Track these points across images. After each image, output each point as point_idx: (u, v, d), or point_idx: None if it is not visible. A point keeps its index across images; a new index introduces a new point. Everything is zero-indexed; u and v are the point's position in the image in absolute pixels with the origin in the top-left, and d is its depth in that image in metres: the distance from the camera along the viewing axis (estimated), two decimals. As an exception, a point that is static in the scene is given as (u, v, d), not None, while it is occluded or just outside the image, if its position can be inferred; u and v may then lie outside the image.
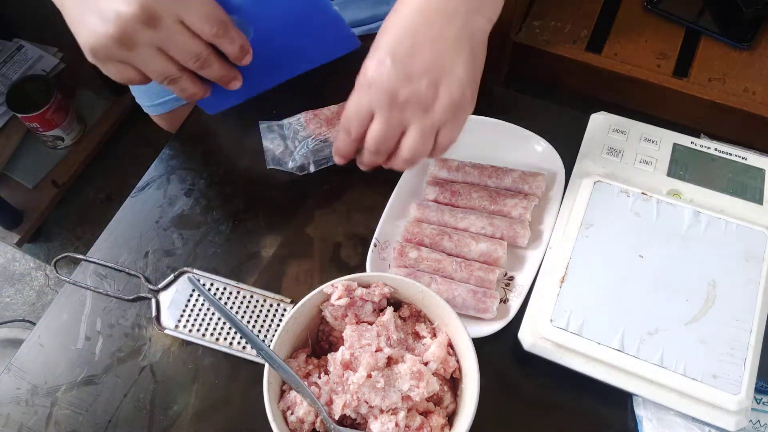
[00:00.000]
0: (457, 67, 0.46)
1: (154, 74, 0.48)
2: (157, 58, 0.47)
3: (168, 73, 0.48)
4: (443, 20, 0.46)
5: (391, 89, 0.46)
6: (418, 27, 0.46)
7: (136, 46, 0.45)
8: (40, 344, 0.56)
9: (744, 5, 0.73)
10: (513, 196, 0.58)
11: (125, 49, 0.45)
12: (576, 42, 0.76)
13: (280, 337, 0.46)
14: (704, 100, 0.70)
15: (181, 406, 0.53)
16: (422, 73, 0.46)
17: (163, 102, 0.78)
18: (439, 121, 0.48)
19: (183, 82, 0.49)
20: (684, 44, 0.76)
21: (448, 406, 0.46)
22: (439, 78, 0.46)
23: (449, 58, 0.46)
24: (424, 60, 0.46)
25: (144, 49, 0.46)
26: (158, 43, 0.46)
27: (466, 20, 0.46)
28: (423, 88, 0.46)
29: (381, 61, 0.46)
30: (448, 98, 0.47)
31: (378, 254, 0.57)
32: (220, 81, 0.51)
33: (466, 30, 0.46)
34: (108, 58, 0.46)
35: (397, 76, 0.46)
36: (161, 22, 0.45)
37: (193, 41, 0.47)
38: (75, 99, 1.54)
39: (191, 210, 0.62)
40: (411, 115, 0.47)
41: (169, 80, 0.48)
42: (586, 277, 0.51)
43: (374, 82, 0.47)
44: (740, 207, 0.55)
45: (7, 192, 1.40)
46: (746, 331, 0.48)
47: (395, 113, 0.47)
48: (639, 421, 0.49)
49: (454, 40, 0.46)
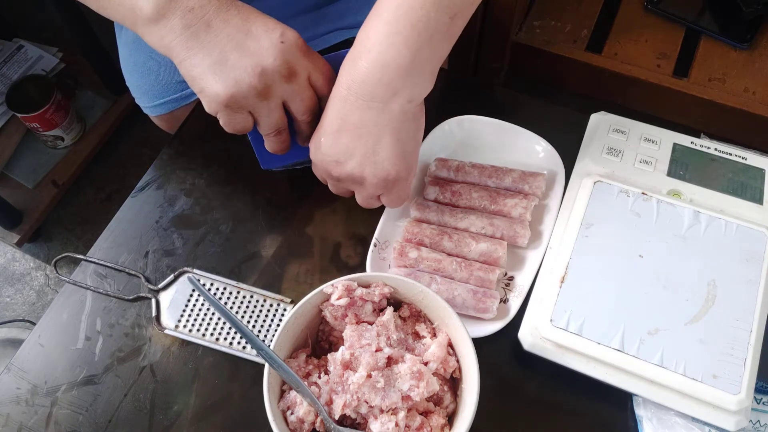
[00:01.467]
0: (380, 150, 0.49)
1: (269, 124, 0.51)
2: (279, 110, 0.50)
3: (280, 125, 0.51)
4: (361, 107, 0.48)
5: (326, 169, 0.52)
6: (342, 114, 0.49)
7: (271, 98, 0.49)
8: (40, 344, 0.56)
9: (744, 5, 0.73)
10: (513, 196, 0.58)
11: (260, 99, 0.48)
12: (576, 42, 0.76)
13: (280, 337, 0.46)
14: (704, 100, 0.70)
15: (181, 406, 0.53)
16: (347, 157, 0.50)
17: (163, 103, 0.78)
18: (375, 193, 0.53)
19: (285, 134, 0.53)
20: (684, 44, 0.76)
21: (448, 406, 0.46)
22: (363, 161, 0.50)
23: (371, 143, 0.49)
24: (348, 146, 0.49)
25: (274, 101, 0.49)
26: (287, 96, 0.50)
27: (383, 105, 0.48)
28: (350, 170, 0.50)
29: (316, 145, 0.52)
30: (374, 178, 0.50)
31: (378, 254, 0.57)
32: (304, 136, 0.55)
33: (385, 114, 0.48)
34: (241, 108, 0.49)
35: (328, 160, 0.51)
36: (297, 78, 0.49)
37: (314, 97, 0.51)
38: (75, 99, 1.54)
39: (191, 210, 0.62)
40: (350, 186, 0.53)
41: (276, 132, 0.52)
42: (586, 277, 0.51)
43: (315, 162, 0.53)
44: (740, 207, 0.55)
45: (7, 192, 1.40)
46: (746, 331, 0.48)
47: (338, 184, 0.54)
48: (639, 421, 0.49)
49: (373, 126, 0.48)
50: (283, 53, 0.47)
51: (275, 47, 0.47)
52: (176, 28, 0.46)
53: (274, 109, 0.50)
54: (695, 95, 0.70)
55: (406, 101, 0.48)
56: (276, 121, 0.51)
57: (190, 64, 0.47)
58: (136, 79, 0.79)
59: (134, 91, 0.82)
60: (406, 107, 0.49)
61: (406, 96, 0.48)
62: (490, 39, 0.75)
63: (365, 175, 0.50)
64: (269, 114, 0.50)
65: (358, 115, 0.48)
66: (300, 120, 0.52)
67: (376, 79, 0.47)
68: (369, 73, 0.47)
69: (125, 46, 0.80)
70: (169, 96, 0.77)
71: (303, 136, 0.55)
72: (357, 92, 0.48)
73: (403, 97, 0.48)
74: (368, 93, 0.47)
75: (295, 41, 0.48)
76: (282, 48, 0.47)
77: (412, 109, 0.49)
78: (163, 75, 0.75)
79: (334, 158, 0.50)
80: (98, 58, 1.45)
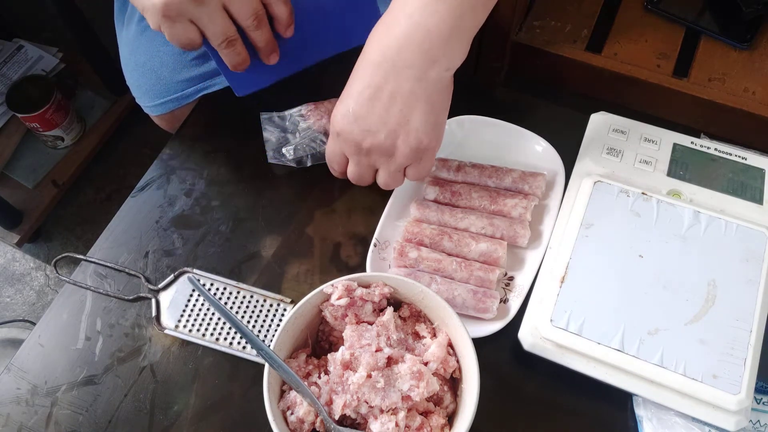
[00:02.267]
0: (413, 120, 0.49)
1: (215, 32, 0.50)
2: (220, 16, 0.49)
3: (228, 33, 0.51)
4: (398, 75, 0.48)
5: (355, 141, 0.51)
6: (376, 81, 0.48)
7: (206, 2, 0.48)
8: (40, 344, 0.56)
9: (744, 5, 0.73)
10: (513, 196, 0.58)
11: (197, 4, 0.48)
12: (576, 42, 0.76)
13: (280, 337, 0.46)
14: (704, 100, 0.70)
15: (181, 406, 0.53)
16: (380, 126, 0.49)
17: (163, 102, 0.78)
18: (403, 164, 0.52)
19: (239, 46, 0.52)
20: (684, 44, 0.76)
21: (448, 406, 0.46)
22: (396, 130, 0.49)
23: (405, 111, 0.48)
24: (381, 115, 0.49)
25: (212, 6, 0.49)
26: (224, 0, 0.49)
27: (420, 73, 0.47)
28: (382, 140, 0.49)
29: (345, 114, 0.50)
30: (406, 147, 0.50)
31: (378, 254, 0.57)
32: (264, 49, 0.54)
33: (422, 83, 0.48)
34: (179, 15, 0.49)
35: (359, 130, 0.50)
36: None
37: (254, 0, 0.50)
38: (75, 99, 1.54)
39: (191, 210, 0.62)
40: (377, 160, 0.52)
41: (227, 42, 0.51)
42: (586, 277, 0.51)
43: (341, 133, 0.51)
44: (740, 207, 0.55)
45: (7, 192, 1.40)
46: (746, 331, 0.48)
47: (363, 158, 0.52)
48: (639, 421, 0.49)
49: (408, 94, 0.48)
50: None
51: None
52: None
53: (214, 15, 0.49)
54: (695, 95, 0.70)
55: (444, 69, 0.48)
56: (221, 29, 0.50)
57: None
58: (137, 78, 0.79)
59: (135, 91, 0.82)
60: (442, 75, 0.48)
61: (444, 64, 0.48)
62: (490, 39, 0.75)
63: (397, 145, 0.50)
64: (211, 20, 0.50)
65: (394, 83, 0.48)
66: (245, 26, 0.51)
67: (416, 45, 0.46)
68: (409, 40, 0.46)
69: (126, 45, 0.80)
70: (170, 95, 0.77)
71: (262, 50, 0.54)
72: (394, 59, 0.47)
73: (441, 65, 0.48)
74: (407, 60, 0.47)
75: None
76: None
77: (447, 77, 0.49)
78: (164, 74, 0.75)
79: (366, 128, 0.49)
80: (98, 58, 1.45)
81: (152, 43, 0.75)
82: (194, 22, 0.50)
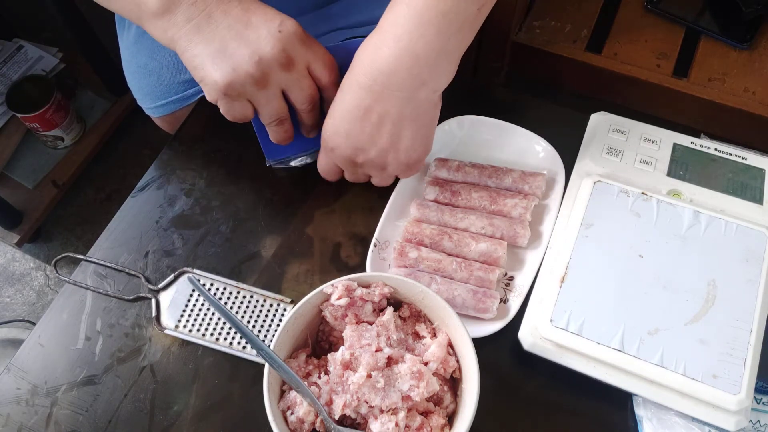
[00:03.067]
0: (403, 139, 0.51)
1: (270, 113, 0.51)
2: (278, 99, 0.51)
3: (281, 114, 0.52)
4: (387, 97, 0.48)
5: (347, 156, 0.53)
6: (366, 103, 0.49)
7: (269, 86, 0.49)
8: (40, 344, 0.56)
9: (744, 5, 0.73)
10: (513, 196, 0.58)
11: (258, 88, 0.49)
12: (576, 42, 0.76)
13: (280, 337, 0.46)
14: (704, 100, 0.70)
15: (181, 406, 0.53)
16: (371, 145, 0.51)
17: (165, 103, 0.78)
18: (395, 174, 0.55)
19: (287, 124, 0.53)
20: (684, 44, 0.76)
21: (448, 406, 0.46)
22: (387, 149, 0.51)
23: (394, 132, 0.50)
24: (372, 134, 0.50)
25: (272, 90, 0.50)
26: (285, 85, 0.50)
27: (409, 95, 0.48)
28: (374, 156, 0.52)
29: (336, 132, 0.51)
30: (397, 163, 0.52)
31: (378, 254, 0.57)
32: (309, 127, 0.56)
33: (411, 104, 0.49)
34: (239, 96, 0.49)
35: (351, 147, 0.52)
36: (295, 66, 0.49)
37: (314, 86, 0.52)
38: (75, 99, 1.54)
39: (191, 210, 0.62)
40: (370, 170, 0.55)
41: (278, 121, 0.52)
42: (586, 277, 0.51)
43: (335, 149, 0.53)
44: (740, 207, 0.55)
45: (7, 192, 1.40)
46: (746, 331, 0.48)
47: (357, 170, 0.55)
48: (639, 421, 0.49)
49: (397, 116, 0.49)
50: (281, 42, 0.48)
51: (273, 36, 0.47)
52: (179, 22, 0.47)
53: (272, 98, 0.50)
54: (695, 95, 0.70)
55: (432, 91, 0.49)
56: (276, 110, 0.51)
57: (191, 54, 0.48)
58: (139, 80, 0.79)
59: (136, 93, 0.82)
60: (430, 96, 0.50)
61: (432, 86, 0.49)
62: (490, 39, 0.75)
63: (388, 161, 0.52)
64: (268, 103, 0.50)
65: (383, 105, 0.49)
66: (300, 109, 0.53)
67: (405, 70, 0.47)
68: (398, 63, 0.47)
69: (127, 48, 0.80)
70: (172, 96, 0.77)
71: (306, 127, 0.55)
72: (383, 82, 0.48)
73: (429, 86, 0.49)
74: (396, 83, 0.48)
75: (294, 30, 0.49)
76: (280, 37, 0.48)
77: (435, 97, 0.51)
78: (166, 76, 0.75)
79: (358, 146, 0.51)
80: (98, 58, 1.45)
81: (153, 45, 0.75)
82: (250, 101, 0.50)
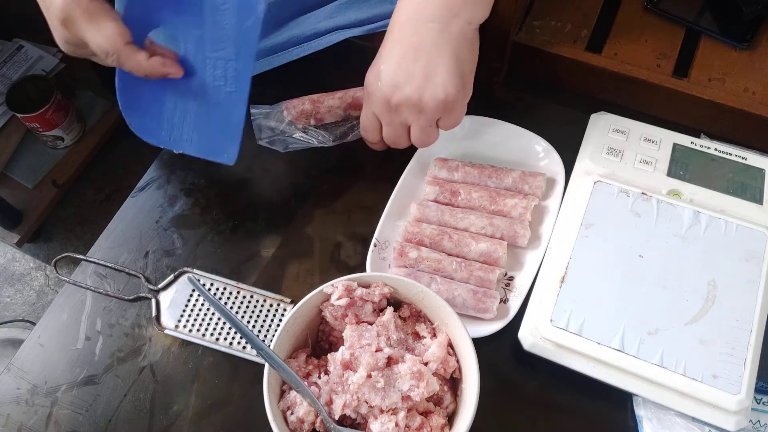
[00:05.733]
0: (438, 73, 0.50)
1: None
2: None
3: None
4: (421, 29, 0.50)
5: (383, 97, 0.52)
6: (402, 38, 0.50)
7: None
8: (40, 344, 0.56)
9: (744, 5, 0.73)
10: (513, 196, 0.58)
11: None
12: (576, 42, 0.76)
13: (280, 337, 0.46)
14: (704, 100, 0.70)
15: (181, 406, 0.53)
16: (406, 81, 0.50)
17: None
18: (433, 117, 0.52)
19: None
20: (684, 44, 0.76)
21: (448, 406, 0.46)
22: (423, 83, 0.50)
23: (429, 65, 0.50)
24: (408, 69, 0.50)
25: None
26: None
27: (442, 26, 0.49)
28: (409, 94, 0.51)
29: (374, 75, 0.52)
30: (433, 100, 0.51)
31: (378, 254, 0.56)
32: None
33: (444, 35, 0.50)
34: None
35: (387, 86, 0.51)
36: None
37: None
38: (75, 99, 1.54)
39: (191, 210, 0.62)
40: (408, 115, 0.53)
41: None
42: (586, 277, 0.51)
43: (371, 93, 0.53)
44: (740, 207, 0.55)
45: (7, 192, 1.40)
46: (746, 331, 0.48)
47: (394, 116, 0.53)
48: (639, 421, 0.49)
49: (432, 48, 0.50)
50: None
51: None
52: None
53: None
54: (695, 95, 0.70)
55: (466, 22, 0.50)
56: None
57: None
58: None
59: None
60: (465, 28, 0.50)
61: (466, 17, 0.50)
62: (489, 39, 0.75)
63: (424, 99, 0.51)
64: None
65: (417, 38, 0.50)
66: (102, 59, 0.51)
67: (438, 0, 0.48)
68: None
69: None
70: None
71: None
72: (417, 15, 0.49)
73: (463, 18, 0.49)
74: (429, 14, 0.49)
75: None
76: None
77: (470, 31, 0.51)
78: None
79: (393, 83, 0.51)
80: (98, 58, 1.45)
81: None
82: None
